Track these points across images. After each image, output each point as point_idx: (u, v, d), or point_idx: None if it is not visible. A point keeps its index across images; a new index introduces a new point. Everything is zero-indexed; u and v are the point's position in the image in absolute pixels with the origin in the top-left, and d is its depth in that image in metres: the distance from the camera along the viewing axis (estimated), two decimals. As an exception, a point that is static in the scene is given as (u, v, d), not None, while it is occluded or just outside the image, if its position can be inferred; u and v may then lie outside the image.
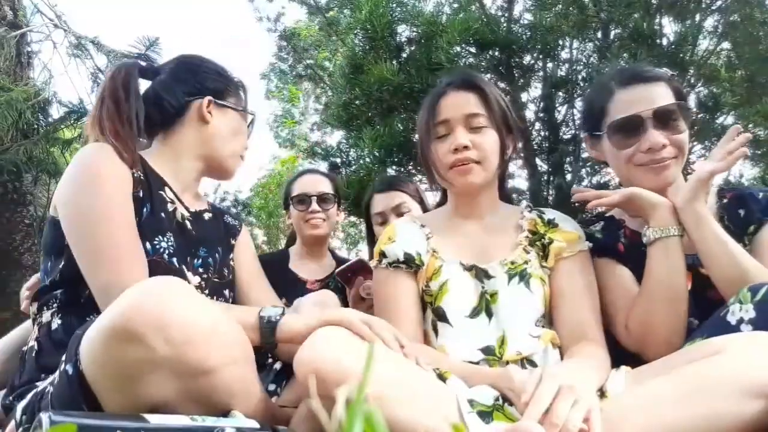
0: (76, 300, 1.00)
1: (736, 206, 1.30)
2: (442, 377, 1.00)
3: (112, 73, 1.19)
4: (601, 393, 0.96)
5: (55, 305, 1.03)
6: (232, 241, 1.36)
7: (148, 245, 1.06)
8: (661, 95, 1.25)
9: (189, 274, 1.14)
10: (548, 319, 1.22)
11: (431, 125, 1.26)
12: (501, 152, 1.26)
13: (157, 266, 1.02)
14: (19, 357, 1.06)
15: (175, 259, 1.10)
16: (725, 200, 1.33)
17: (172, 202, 1.19)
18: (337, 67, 3.43)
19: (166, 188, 1.20)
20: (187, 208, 1.24)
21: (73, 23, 4.09)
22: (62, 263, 1.03)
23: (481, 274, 1.20)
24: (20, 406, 0.91)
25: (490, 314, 1.16)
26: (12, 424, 0.91)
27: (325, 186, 2.08)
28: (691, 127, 1.32)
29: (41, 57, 4.19)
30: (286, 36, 4.78)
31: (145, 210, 1.10)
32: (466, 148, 1.20)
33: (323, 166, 3.68)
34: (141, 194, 1.10)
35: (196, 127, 1.25)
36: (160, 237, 1.10)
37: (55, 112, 3.98)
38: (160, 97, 1.25)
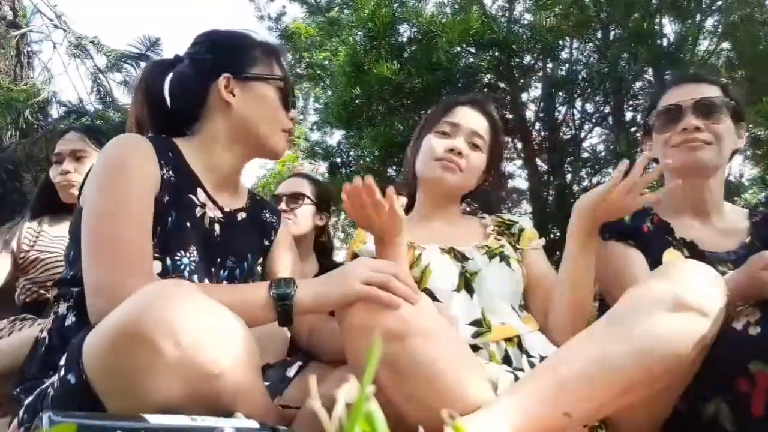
0: None
1: (766, 227, 1.34)
2: None
3: (141, 76, 1.16)
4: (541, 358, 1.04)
5: (71, 300, 1.01)
6: (266, 242, 1.26)
7: (168, 261, 1.01)
8: (706, 92, 1.33)
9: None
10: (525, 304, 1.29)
11: (439, 119, 1.36)
12: (481, 177, 1.39)
13: None
14: (33, 343, 1.05)
15: (196, 276, 1.04)
16: (755, 220, 1.37)
17: (203, 206, 1.10)
18: (338, 67, 3.42)
19: (199, 189, 1.11)
20: (221, 209, 1.15)
21: (73, 23, 4.09)
22: None
23: (459, 256, 1.26)
24: (24, 403, 0.91)
25: (470, 291, 1.21)
26: (15, 422, 0.91)
27: (302, 188, 2.07)
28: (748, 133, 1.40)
29: (41, 57, 4.18)
30: (287, 35, 4.78)
31: (170, 218, 1.03)
32: (460, 154, 1.31)
33: (323, 166, 3.68)
34: (167, 199, 1.03)
35: (221, 113, 1.12)
36: (182, 252, 1.03)
37: (55, 112, 3.98)
38: (180, 87, 1.15)
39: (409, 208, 1.46)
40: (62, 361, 0.84)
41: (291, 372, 1.42)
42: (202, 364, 0.75)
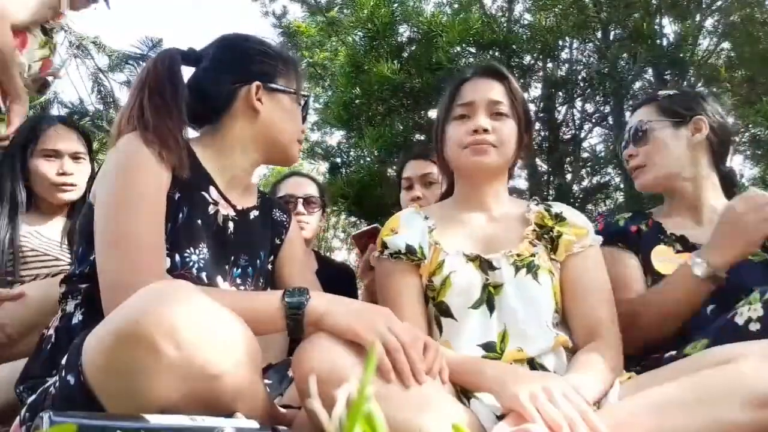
0: (99, 297, 0.94)
1: None
2: (465, 395, 0.99)
3: (155, 62, 1.09)
4: (597, 405, 0.95)
5: (79, 297, 1.00)
6: (277, 241, 1.27)
7: (177, 257, 1.01)
8: (638, 117, 1.48)
9: (225, 285, 1.09)
10: (561, 316, 1.19)
11: (452, 105, 1.26)
12: (517, 144, 1.26)
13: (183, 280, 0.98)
14: (38, 339, 1.04)
15: (204, 274, 1.04)
16: None
17: (215, 203, 1.11)
18: (338, 67, 3.43)
19: (211, 187, 1.11)
20: (234, 207, 1.15)
21: (74, 23, 4.09)
22: (94, 255, 0.98)
23: (485, 265, 1.17)
24: (27, 402, 0.91)
25: (491, 307, 1.14)
26: (17, 421, 0.91)
27: (312, 189, 2.08)
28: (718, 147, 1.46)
29: (41, 57, 4.17)
30: (289, 33, 4.78)
31: (180, 215, 1.03)
32: (486, 131, 1.20)
33: (323, 166, 3.68)
34: (178, 196, 1.03)
35: (246, 117, 1.14)
36: (191, 249, 1.03)
37: (56, 112, 3.97)
38: (204, 87, 1.14)
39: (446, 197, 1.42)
40: (63, 362, 0.85)
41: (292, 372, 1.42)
42: (201, 364, 0.75)
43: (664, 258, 1.34)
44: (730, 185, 1.47)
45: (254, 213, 1.21)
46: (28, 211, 1.74)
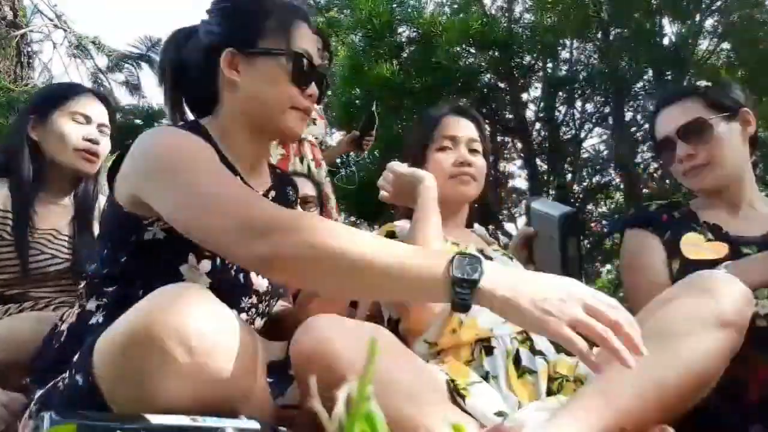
0: (128, 301, 0.89)
1: None
2: (459, 393, 0.99)
3: (164, 47, 1.03)
4: (579, 381, 0.99)
5: (104, 300, 0.96)
6: None
7: (218, 260, 0.93)
8: (686, 112, 1.35)
9: (259, 281, 0.99)
10: None
11: (437, 135, 1.36)
12: (486, 178, 1.40)
13: (224, 282, 0.90)
14: (49, 330, 1.00)
15: (242, 275, 0.98)
16: None
17: None
18: (338, 67, 3.43)
19: (238, 178, 1.02)
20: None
21: (73, 23, 4.09)
22: (125, 257, 0.93)
23: (485, 258, 1.27)
24: (35, 396, 0.90)
25: None
26: (27, 413, 0.90)
27: (308, 189, 2.06)
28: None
29: (41, 57, 4.17)
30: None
31: None
32: (470, 165, 1.31)
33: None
34: None
35: (230, 90, 1.01)
36: None
37: (56, 112, 3.96)
38: (191, 63, 1.04)
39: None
40: (74, 360, 0.84)
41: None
42: (211, 369, 0.75)
43: (693, 244, 1.34)
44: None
45: (272, 194, 1.12)
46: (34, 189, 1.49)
